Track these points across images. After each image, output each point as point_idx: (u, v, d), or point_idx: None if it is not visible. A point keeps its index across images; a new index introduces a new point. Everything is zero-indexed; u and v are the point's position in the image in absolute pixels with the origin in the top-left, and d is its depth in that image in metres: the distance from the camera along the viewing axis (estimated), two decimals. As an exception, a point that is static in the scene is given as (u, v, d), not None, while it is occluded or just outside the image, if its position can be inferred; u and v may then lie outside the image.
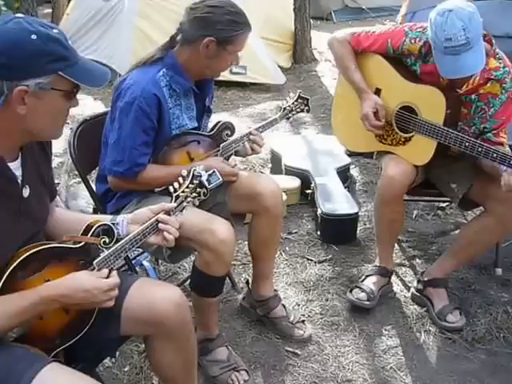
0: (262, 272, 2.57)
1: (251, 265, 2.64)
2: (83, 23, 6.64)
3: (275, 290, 2.63)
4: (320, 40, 7.18)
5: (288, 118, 2.58)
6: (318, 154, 3.99)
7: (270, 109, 5.55)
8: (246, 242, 2.60)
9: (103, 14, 6.48)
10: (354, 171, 4.06)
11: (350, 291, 2.71)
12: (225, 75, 5.79)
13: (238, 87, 6.11)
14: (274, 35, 7.00)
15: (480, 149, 2.34)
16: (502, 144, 2.47)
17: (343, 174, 3.78)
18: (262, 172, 4.09)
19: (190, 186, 1.79)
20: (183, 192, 1.77)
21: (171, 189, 1.77)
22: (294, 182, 3.67)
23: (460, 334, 2.55)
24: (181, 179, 1.78)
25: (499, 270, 2.93)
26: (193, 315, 2.32)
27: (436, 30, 2.27)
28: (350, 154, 3.79)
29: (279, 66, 6.58)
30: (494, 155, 2.30)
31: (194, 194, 1.79)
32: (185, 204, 1.77)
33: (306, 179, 3.66)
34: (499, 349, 2.48)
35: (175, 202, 1.76)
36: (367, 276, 2.75)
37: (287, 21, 7.25)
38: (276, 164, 4.01)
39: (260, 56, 6.19)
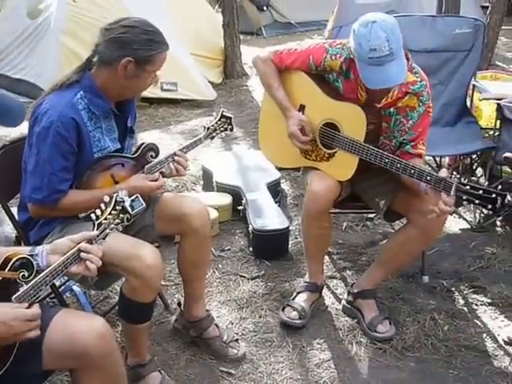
0: (193, 293, 2.55)
1: (184, 286, 2.62)
2: (10, 42, 6.47)
3: (207, 310, 2.61)
4: (250, 55, 7.21)
5: (212, 138, 2.59)
6: (248, 169, 4.01)
7: (201, 125, 5.48)
8: (178, 263, 2.58)
9: (29, 33, 6.32)
10: (285, 185, 4.10)
11: (282, 310, 2.73)
12: (155, 92, 5.77)
13: (169, 104, 6.08)
14: (203, 51, 7.01)
15: (399, 165, 2.40)
16: (420, 156, 2.55)
17: (274, 188, 3.81)
18: (194, 190, 4.08)
19: (113, 212, 1.75)
20: (106, 219, 1.74)
21: (93, 216, 1.73)
22: (226, 199, 3.67)
23: (390, 343, 2.60)
24: (103, 205, 1.75)
25: (426, 278, 3.02)
26: (123, 342, 2.30)
27: (360, 41, 2.32)
28: (280, 168, 3.83)
29: (210, 82, 6.59)
30: (412, 171, 2.36)
31: (117, 221, 1.77)
32: (108, 231, 1.74)
33: (237, 195, 3.67)
34: (428, 356, 2.55)
35: (97, 229, 1.73)
36: (298, 293, 2.77)
37: (216, 37, 7.28)
38: (207, 181, 4.01)
39: (191, 72, 6.19)
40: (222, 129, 2.59)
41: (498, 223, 3.60)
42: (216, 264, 3.20)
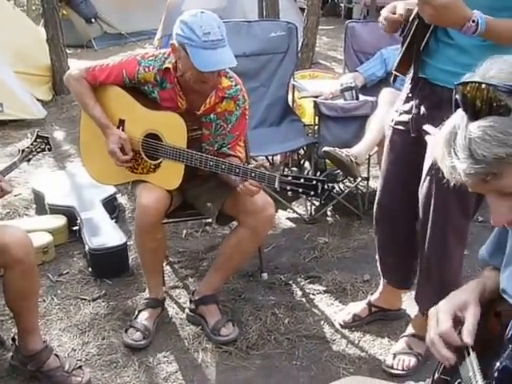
0: (26, 326, 2.41)
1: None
2: None
3: (45, 341, 2.48)
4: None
5: (29, 160, 2.47)
6: (82, 187, 3.87)
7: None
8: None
9: None
10: (123, 199, 4.03)
11: (126, 331, 2.67)
12: (-21, 116, 5.41)
13: (-5, 126, 5.74)
14: (29, 68, 6.69)
15: (223, 166, 2.44)
16: (238, 157, 2.62)
17: (110, 204, 3.72)
18: (26, 214, 3.88)
19: None
20: None
21: None
22: (60, 221, 3.53)
23: (235, 344, 2.64)
24: None
25: (265, 275, 3.10)
26: None
27: (193, 27, 2.36)
28: (115, 183, 3.75)
29: (39, 100, 6.32)
30: (237, 170, 2.41)
31: None
32: None
33: (72, 216, 3.54)
34: (271, 351, 2.62)
35: None
36: (140, 311, 2.73)
37: (42, 53, 6.98)
38: (40, 204, 3.82)
39: (16, 91, 5.88)
40: (38, 150, 2.49)
41: (329, 213, 3.81)
42: (54, 290, 3.06)
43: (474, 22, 1.86)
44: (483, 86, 1.04)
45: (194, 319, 2.78)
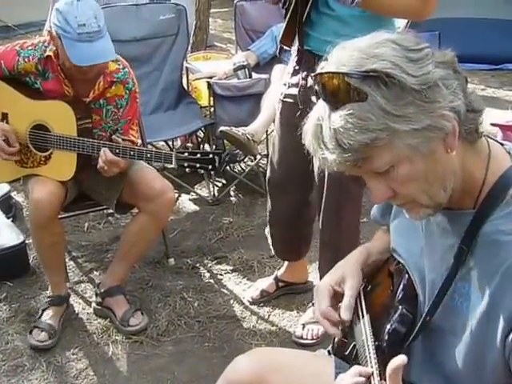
0: None
1: None
2: None
3: None
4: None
5: None
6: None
7: None
8: None
9: None
10: (19, 197, 3.85)
11: (30, 333, 2.57)
12: None
13: None
14: None
15: (117, 150, 2.38)
16: (132, 142, 2.57)
17: (6, 203, 3.53)
18: None
19: None
20: None
21: None
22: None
23: (145, 333, 2.60)
24: None
25: (172, 260, 3.07)
26: None
27: (67, 18, 2.25)
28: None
29: None
30: (132, 153, 2.37)
31: None
32: None
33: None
34: (183, 335, 2.60)
35: None
36: (43, 310, 2.63)
37: None
38: None
39: None
40: None
41: (232, 193, 3.82)
42: (-51, 297, 2.90)
43: None
44: (337, 76, 1.04)
45: (101, 312, 2.71)
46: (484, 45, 6.62)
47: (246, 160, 4.01)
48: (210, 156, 2.27)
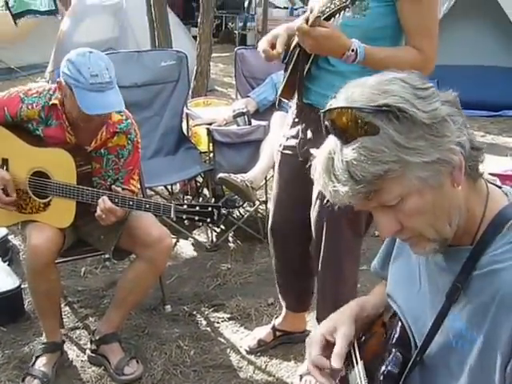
0: None
1: None
2: None
3: None
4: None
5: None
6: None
7: None
8: None
9: None
10: (16, 240, 3.85)
11: (23, 380, 2.52)
12: None
13: None
14: None
15: (116, 199, 2.39)
16: (132, 191, 2.58)
17: (2, 246, 3.53)
18: None
19: None
20: None
21: None
22: None
23: (140, 382, 2.56)
24: None
25: (168, 307, 3.05)
26: None
27: (80, 69, 2.29)
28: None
29: None
30: (131, 203, 2.37)
31: None
32: None
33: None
34: (178, 385, 2.57)
35: None
36: (37, 357, 2.59)
37: None
38: None
39: None
40: None
41: (230, 239, 3.81)
42: None
43: (353, 50, 1.91)
44: (349, 110, 1.07)
45: (95, 360, 2.67)
46: (483, 91, 6.71)
47: (244, 205, 4.02)
48: (209, 209, 2.27)
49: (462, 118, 1.11)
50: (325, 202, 2.06)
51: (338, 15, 1.87)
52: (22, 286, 3.09)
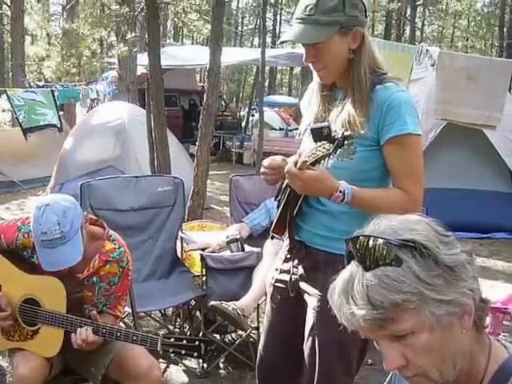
0: None
1: None
2: None
3: None
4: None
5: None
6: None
7: None
8: None
9: None
10: (4, 361, 3.76)
11: None
12: None
13: None
14: None
15: (104, 330, 2.40)
16: (116, 317, 2.61)
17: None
18: None
19: None
20: None
21: None
22: None
23: None
24: None
25: None
26: None
27: (34, 224, 2.35)
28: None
29: None
30: (118, 334, 2.39)
31: None
32: None
33: None
34: None
35: None
36: None
37: None
38: None
39: None
40: None
41: (221, 365, 3.73)
42: None
43: (341, 192, 1.98)
44: (377, 240, 1.13)
45: None
46: (472, 214, 6.83)
47: (236, 330, 3.98)
48: (196, 343, 2.27)
49: (475, 268, 1.17)
50: (318, 337, 2.08)
51: (323, 161, 1.97)
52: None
